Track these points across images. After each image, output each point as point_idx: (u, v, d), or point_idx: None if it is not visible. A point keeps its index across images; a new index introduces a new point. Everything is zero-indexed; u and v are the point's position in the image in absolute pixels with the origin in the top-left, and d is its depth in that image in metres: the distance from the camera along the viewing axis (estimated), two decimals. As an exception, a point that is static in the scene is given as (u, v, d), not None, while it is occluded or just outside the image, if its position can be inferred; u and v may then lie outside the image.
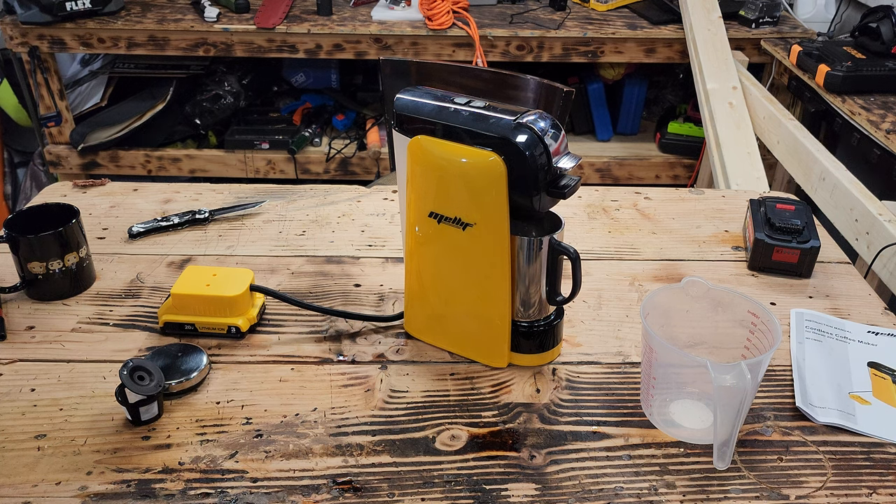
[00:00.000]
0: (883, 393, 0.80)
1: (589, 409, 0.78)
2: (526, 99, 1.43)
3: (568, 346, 0.86)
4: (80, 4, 2.24)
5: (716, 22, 2.26)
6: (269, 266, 1.00)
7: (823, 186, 1.63)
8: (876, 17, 1.92)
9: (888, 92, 1.83)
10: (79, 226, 0.92)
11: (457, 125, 0.74)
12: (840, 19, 2.46)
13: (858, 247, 1.46)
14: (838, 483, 0.69)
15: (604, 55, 2.34)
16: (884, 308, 0.95)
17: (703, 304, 0.78)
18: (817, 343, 0.87)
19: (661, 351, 0.71)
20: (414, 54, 2.32)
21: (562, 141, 0.73)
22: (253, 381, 0.80)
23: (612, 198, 1.20)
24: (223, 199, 1.16)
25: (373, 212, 1.14)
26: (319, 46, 2.32)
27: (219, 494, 0.67)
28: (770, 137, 1.95)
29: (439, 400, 0.78)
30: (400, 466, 0.70)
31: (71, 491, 0.67)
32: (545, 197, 0.74)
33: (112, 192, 1.18)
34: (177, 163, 2.58)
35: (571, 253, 0.76)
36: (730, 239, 1.09)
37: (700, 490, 0.68)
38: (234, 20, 2.31)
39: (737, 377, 0.65)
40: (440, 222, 0.77)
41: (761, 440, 0.74)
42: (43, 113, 2.44)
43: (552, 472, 0.70)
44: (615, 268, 1.02)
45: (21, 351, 0.84)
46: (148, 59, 2.56)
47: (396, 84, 1.49)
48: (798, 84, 2.08)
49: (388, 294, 0.95)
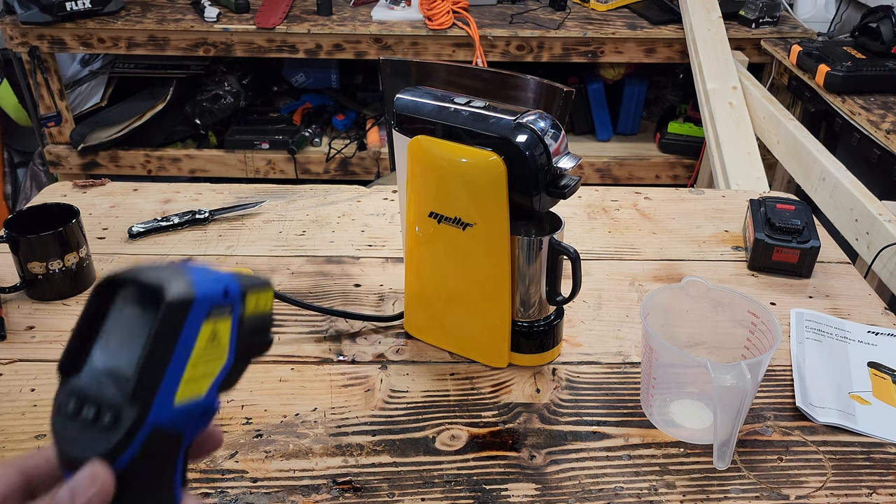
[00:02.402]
0: (883, 393, 0.80)
1: (589, 409, 0.78)
2: (526, 99, 1.43)
3: (568, 346, 0.86)
4: (80, 4, 2.24)
5: (716, 22, 2.26)
6: (269, 266, 1.00)
7: (823, 186, 1.63)
8: (876, 17, 1.92)
9: (888, 92, 1.83)
10: (79, 226, 0.92)
11: (457, 125, 0.74)
12: (840, 19, 2.46)
13: (858, 247, 1.46)
14: (838, 483, 0.69)
15: (604, 55, 2.34)
16: (884, 308, 0.95)
17: (703, 304, 0.78)
18: (817, 343, 0.87)
19: (661, 351, 0.71)
20: (414, 54, 2.32)
21: (562, 141, 0.73)
22: (253, 381, 0.80)
23: (612, 198, 1.20)
24: (223, 199, 1.16)
25: (373, 212, 1.14)
26: (319, 46, 2.32)
27: (219, 494, 0.67)
28: (770, 137, 1.96)
29: (439, 400, 0.78)
30: (400, 466, 0.70)
31: (71, 491, 0.67)
32: (545, 197, 0.74)
33: (112, 192, 1.18)
34: (177, 163, 2.58)
35: (571, 253, 0.76)
36: (730, 239, 1.09)
37: (700, 490, 0.68)
38: (234, 20, 2.31)
39: (737, 377, 0.65)
40: (440, 222, 0.77)
41: (761, 440, 0.74)
42: (43, 113, 2.44)
43: (552, 472, 0.70)
44: (615, 268, 1.02)
45: (21, 351, 0.84)
46: (148, 59, 2.56)
47: (396, 84, 1.49)
48: (798, 84, 2.08)
49: (388, 294, 0.95)
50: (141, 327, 0.34)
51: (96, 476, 0.33)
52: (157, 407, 0.34)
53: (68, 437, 0.34)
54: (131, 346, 0.34)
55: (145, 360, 0.34)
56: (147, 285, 0.35)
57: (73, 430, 0.34)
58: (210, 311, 0.36)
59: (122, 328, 0.35)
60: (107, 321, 0.36)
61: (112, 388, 0.34)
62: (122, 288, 0.36)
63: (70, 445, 0.34)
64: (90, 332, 0.36)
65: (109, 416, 0.34)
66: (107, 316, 0.36)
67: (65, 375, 0.36)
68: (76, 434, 0.34)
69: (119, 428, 0.34)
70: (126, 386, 0.34)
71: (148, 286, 0.35)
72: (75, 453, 0.34)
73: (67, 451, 0.34)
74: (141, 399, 0.34)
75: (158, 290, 0.34)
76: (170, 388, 0.34)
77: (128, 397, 0.34)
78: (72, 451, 0.34)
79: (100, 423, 0.34)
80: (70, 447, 0.34)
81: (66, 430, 0.34)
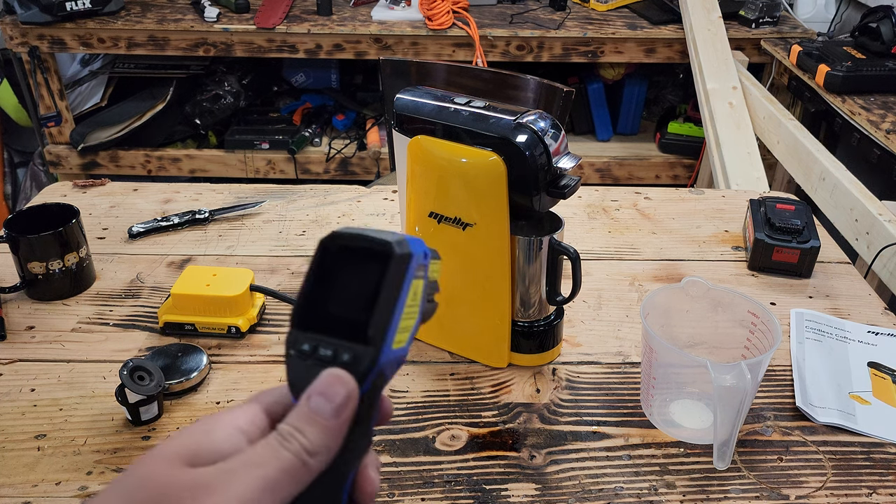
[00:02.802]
0: (883, 393, 0.80)
1: (589, 409, 0.78)
2: (526, 99, 1.43)
3: (568, 346, 0.86)
4: (80, 4, 2.24)
5: (716, 22, 2.26)
6: (269, 266, 1.00)
7: (823, 186, 1.63)
8: (876, 17, 1.92)
9: (888, 92, 1.83)
10: (79, 226, 0.92)
11: (457, 125, 0.74)
12: (840, 19, 2.46)
13: (858, 247, 1.46)
14: (838, 483, 0.69)
15: (604, 55, 2.34)
16: (884, 308, 0.95)
17: (703, 304, 0.78)
18: (817, 343, 0.87)
19: (661, 351, 0.71)
20: (414, 54, 2.32)
21: (562, 141, 0.73)
22: (253, 381, 0.80)
23: (612, 198, 1.20)
24: (223, 199, 1.16)
25: (373, 212, 1.14)
26: (319, 46, 2.32)
27: (219, 494, 0.67)
28: (770, 137, 1.96)
29: (439, 400, 0.78)
30: (400, 466, 0.70)
31: (71, 491, 0.67)
32: (545, 197, 0.74)
33: (112, 192, 1.18)
34: (177, 163, 2.58)
35: (571, 253, 0.76)
36: (730, 239, 1.09)
37: (700, 490, 0.68)
38: (234, 20, 2.31)
39: (737, 377, 0.65)
40: (440, 222, 0.77)
41: (761, 440, 0.74)
42: (43, 113, 2.44)
43: (552, 472, 0.70)
44: (615, 268, 1.02)
45: (21, 351, 0.84)
46: (148, 59, 2.56)
47: (396, 84, 1.49)
48: (798, 84, 2.08)
49: (388, 294, 0.95)
50: (371, 279, 0.38)
51: (342, 377, 0.37)
52: (385, 349, 0.38)
53: (305, 375, 0.38)
54: (364, 295, 0.38)
55: (380, 306, 0.37)
56: (375, 242, 0.38)
57: (309, 369, 0.38)
58: (417, 270, 0.40)
59: (353, 280, 0.39)
60: (337, 274, 0.39)
61: (349, 331, 0.38)
62: (349, 246, 0.39)
63: (304, 381, 0.38)
64: (321, 285, 0.39)
65: (348, 356, 0.37)
66: (335, 270, 0.39)
67: (297, 326, 0.39)
68: (313, 372, 0.37)
69: (358, 366, 0.37)
70: (363, 329, 0.37)
71: (375, 243, 0.38)
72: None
73: (302, 386, 0.38)
74: (375, 341, 0.37)
75: (386, 246, 0.38)
76: (392, 333, 0.38)
77: (363, 340, 0.37)
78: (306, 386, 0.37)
79: (337, 362, 0.37)
80: (304, 383, 0.38)
81: (301, 369, 0.38)
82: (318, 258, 0.40)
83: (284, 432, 0.36)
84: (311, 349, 0.38)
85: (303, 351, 0.38)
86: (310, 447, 0.35)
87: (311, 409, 0.36)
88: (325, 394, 0.36)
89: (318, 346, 0.38)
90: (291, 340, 0.39)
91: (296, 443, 0.35)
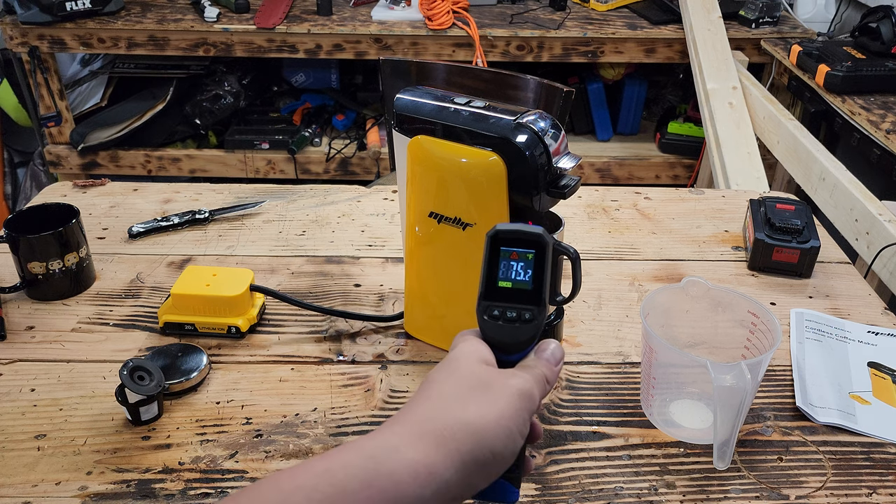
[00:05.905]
0: (883, 393, 0.80)
1: (589, 409, 0.78)
2: (526, 99, 1.43)
3: (568, 346, 0.86)
4: (80, 4, 2.24)
5: (716, 22, 2.26)
6: (269, 266, 1.00)
7: (823, 186, 1.63)
8: (876, 17, 1.92)
9: (888, 92, 1.83)
10: (79, 226, 0.92)
11: (457, 125, 0.74)
12: (840, 19, 2.46)
13: (858, 247, 1.46)
14: (838, 483, 0.69)
15: (604, 55, 2.34)
16: (884, 308, 0.95)
17: (703, 304, 0.78)
18: (817, 343, 0.87)
19: (661, 351, 0.71)
20: (414, 54, 2.32)
21: (562, 141, 0.73)
22: (253, 381, 0.80)
23: (612, 198, 1.20)
24: (223, 199, 1.16)
25: (373, 212, 1.14)
26: (319, 46, 2.32)
27: (219, 494, 0.67)
28: (770, 137, 1.96)
29: (439, 400, 0.78)
30: (400, 466, 0.70)
31: (71, 491, 0.67)
32: (545, 197, 0.73)
33: (112, 192, 1.18)
34: (177, 163, 2.58)
35: (571, 253, 0.76)
36: (730, 239, 1.09)
37: (700, 490, 0.68)
38: (234, 20, 2.31)
39: (737, 377, 0.65)
40: (440, 222, 0.77)
41: (761, 440, 0.74)
42: (43, 113, 2.44)
43: (552, 472, 0.70)
44: (615, 268, 1.02)
45: (21, 351, 0.84)
46: (148, 59, 2.56)
47: (396, 84, 1.49)
48: (798, 84, 2.08)
49: (388, 294, 0.95)
50: (530, 260, 0.53)
51: (560, 348, 0.54)
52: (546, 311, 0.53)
53: (498, 331, 0.52)
54: (528, 272, 0.53)
55: (545, 279, 0.53)
56: (529, 233, 0.53)
57: (501, 328, 0.52)
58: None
59: (519, 263, 0.53)
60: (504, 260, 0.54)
61: (525, 297, 0.53)
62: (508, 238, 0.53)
63: (501, 335, 0.52)
64: (493, 268, 0.54)
65: (529, 314, 0.52)
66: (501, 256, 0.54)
67: (485, 297, 0.53)
68: (504, 329, 0.52)
69: (534, 323, 0.52)
70: (537, 295, 0.52)
71: (530, 234, 0.53)
72: (506, 339, 0.52)
73: (500, 338, 0.52)
74: (544, 305, 0.53)
75: (540, 237, 0.53)
76: (548, 296, 0.53)
77: (536, 302, 0.52)
78: (503, 338, 0.52)
79: (520, 320, 0.52)
80: (501, 336, 0.52)
81: (494, 327, 0.52)
82: (490, 248, 0.54)
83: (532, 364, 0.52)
84: (501, 313, 0.52)
85: (494, 315, 0.52)
86: (550, 377, 0.52)
87: (547, 358, 0.52)
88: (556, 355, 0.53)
89: (505, 310, 0.52)
90: (483, 308, 0.53)
91: (539, 371, 0.51)
